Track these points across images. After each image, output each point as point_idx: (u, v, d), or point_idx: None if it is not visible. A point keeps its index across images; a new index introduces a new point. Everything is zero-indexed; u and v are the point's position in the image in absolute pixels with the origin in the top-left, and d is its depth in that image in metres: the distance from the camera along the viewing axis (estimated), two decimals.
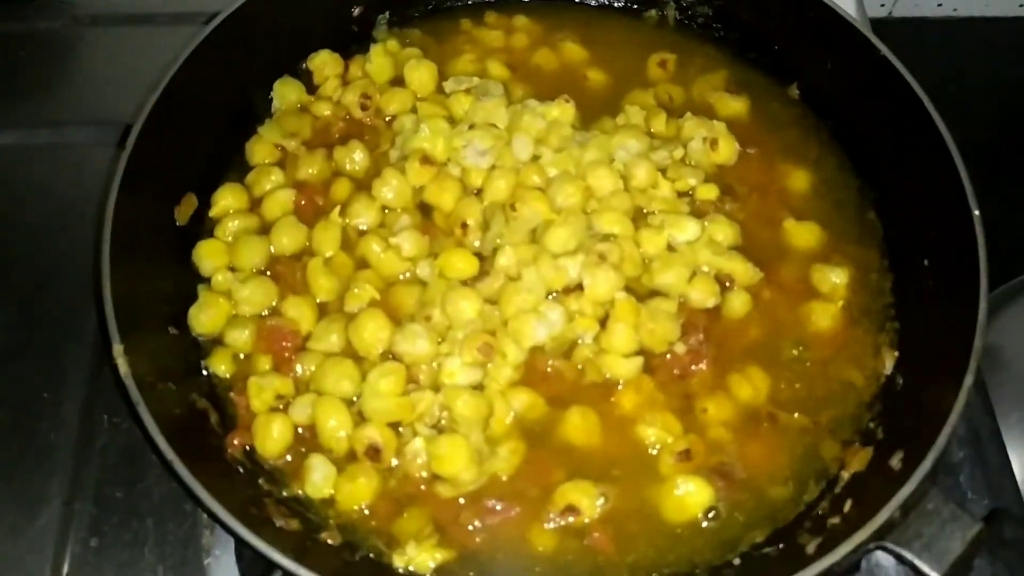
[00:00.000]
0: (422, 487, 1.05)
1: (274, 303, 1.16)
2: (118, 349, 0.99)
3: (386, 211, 1.21)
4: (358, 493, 1.04)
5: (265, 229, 1.21)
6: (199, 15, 1.56)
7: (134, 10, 1.63)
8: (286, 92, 1.31)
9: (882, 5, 1.97)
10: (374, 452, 1.05)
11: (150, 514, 1.16)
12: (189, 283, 1.17)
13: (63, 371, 1.25)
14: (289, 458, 1.08)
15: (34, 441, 1.20)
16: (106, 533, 1.15)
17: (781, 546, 1.01)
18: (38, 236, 1.38)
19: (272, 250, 1.19)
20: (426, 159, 1.21)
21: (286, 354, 1.12)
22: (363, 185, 1.23)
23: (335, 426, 1.06)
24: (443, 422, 1.07)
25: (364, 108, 1.28)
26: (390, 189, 1.20)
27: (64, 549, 1.14)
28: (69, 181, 1.44)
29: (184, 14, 1.60)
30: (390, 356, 1.11)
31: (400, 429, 1.08)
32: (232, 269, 1.18)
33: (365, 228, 1.20)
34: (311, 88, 1.33)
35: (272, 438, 1.07)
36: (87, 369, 1.25)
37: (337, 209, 1.20)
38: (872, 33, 1.23)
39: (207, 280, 1.18)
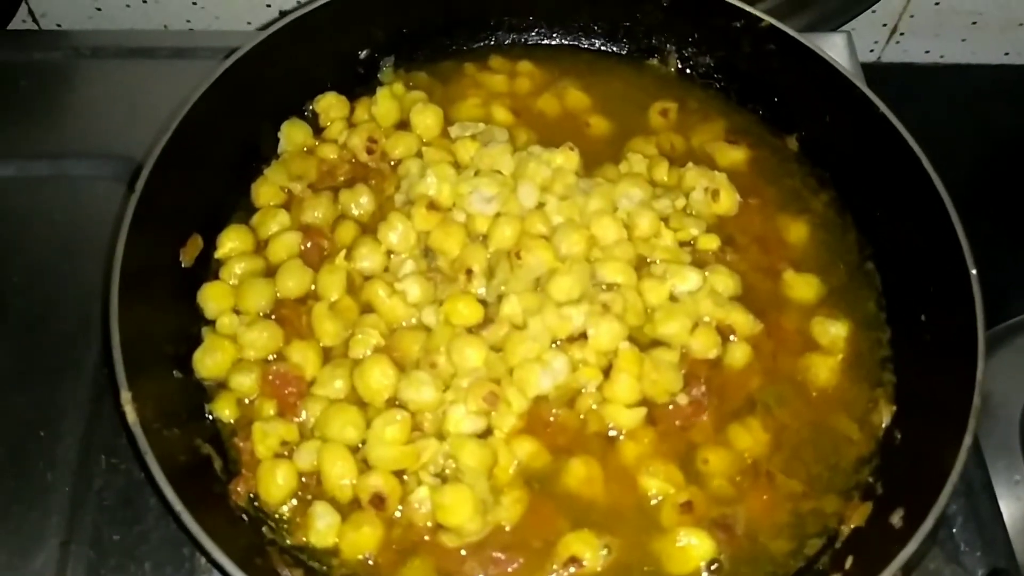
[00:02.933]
0: (426, 537, 1.05)
1: (279, 347, 1.15)
2: (126, 396, 0.98)
3: (391, 256, 1.22)
4: (362, 542, 1.04)
5: (270, 272, 1.21)
6: (200, 50, 1.57)
7: (135, 43, 1.62)
8: (293, 134, 1.31)
9: (871, 51, 2.01)
10: (379, 501, 1.05)
11: (148, 557, 1.14)
12: (193, 325, 1.18)
13: (61, 408, 1.24)
14: (294, 502, 1.08)
15: (31, 480, 1.19)
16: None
17: None
18: (37, 268, 1.37)
19: (278, 293, 1.19)
20: (432, 204, 1.22)
21: (291, 399, 1.11)
22: (368, 229, 1.24)
23: (340, 473, 1.07)
24: (447, 471, 1.08)
25: (370, 152, 1.29)
26: (396, 234, 1.21)
27: None
28: (68, 213, 1.43)
29: (184, 49, 1.60)
30: (395, 403, 1.11)
31: (404, 477, 1.08)
32: (237, 312, 1.18)
33: (370, 272, 1.20)
34: (317, 130, 1.33)
35: (276, 484, 1.06)
36: (86, 406, 1.24)
37: (343, 253, 1.20)
38: (867, 87, 1.25)
39: (212, 323, 1.17)
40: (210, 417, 1.13)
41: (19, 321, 1.32)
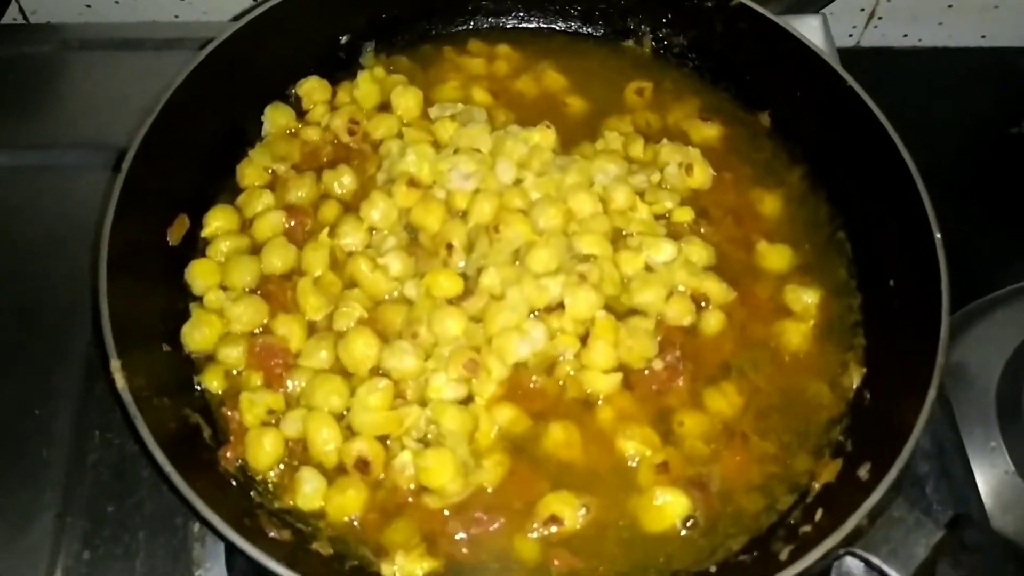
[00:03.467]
0: (409, 499, 1.08)
1: (265, 321, 1.19)
2: (115, 364, 1.01)
3: (373, 232, 1.25)
4: (347, 505, 1.07)
5: (256, 249, 1.24)
6: (187, 40, 1.60)
7: (123, 35, 1.66)
8: (276, 117, 1.34)
9: (850, 35, 2.04)
10: (363, 465, 1.08)
11: (141, 528, 1.18)
12: (181, 301, 1.20)
13: (55, 388, 1.28)
14: (281, 467, 1.11)
15: (27, 456, 1.23)
16: (98, 546, 1.17)
17: (755, 553, 1.05)
18: (27, 255, 1.41)
19: (263, 270, 1.22)
20: (412, 182, 1.25)
21: (277, 370, 1.14)
22: (351, 207, 1.27)
23: (325, 439, 1.10)
24: (430, 436, 1.11)
25: (352, 133, 1.32)
26: (377, 211, 1.24)
27: (56, 562, 1.16)
28: (57, 202, 1.46)
29: (172, 40, 1.63)
30: (379, 372, 1.14)
31: (388, 443, 1.11)
32: (224, 288, 1.21)
33: (353, 249, 1.23)
34: (300, 113, 1.36)
35: (264, 451, 1.09)
36: (79, 386, 1.28)
37: (326, 230, 1.23)
38: (839, 63, 1.28)
39: (199, 299, 1.20)
40: (199, 388, 1.16)
41: (12, 307, 1.36)
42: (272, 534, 1.03)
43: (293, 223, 1.25)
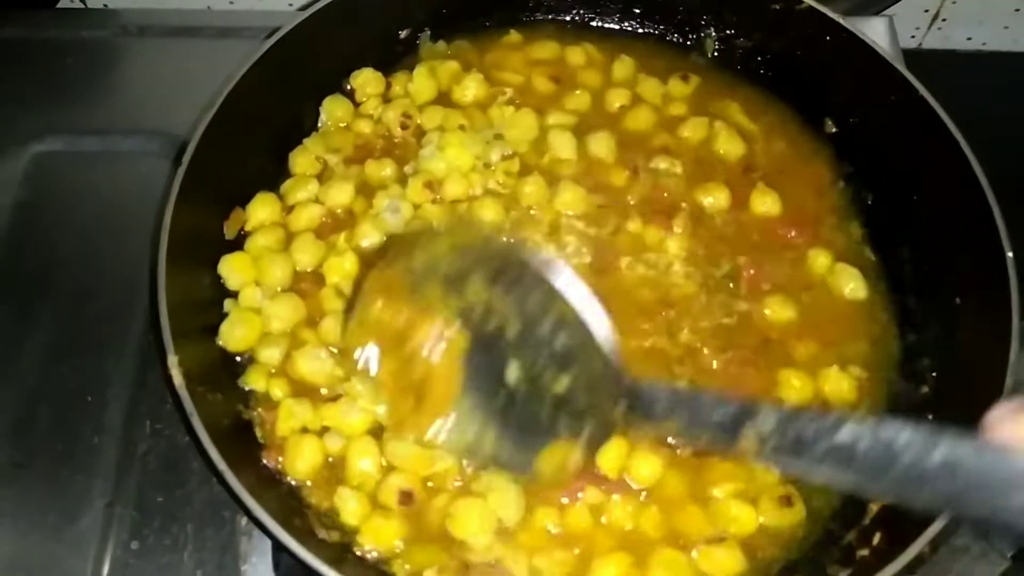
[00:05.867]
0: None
1: (303, 319, 1.18)
2: (172, 360, 1.01)
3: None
4: (386, 533, 1.06)
5: (290, 240, 1.23)
6: (244, 30, 1.60)
7: (181, 23, 1.66)
8: (334, 109, 1.33)
9: (912, 37, 2.00)
10: (406, 497, 1.07)
11: (190, 519, 1.18)
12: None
13: (108, 375, 1.28)
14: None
15: (78, 444, 1.23)
16: (146, 537, 1.18)
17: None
18: (84, 242, 1.41)
19: (295, 266, 1.21)
20: (430, 184, 1.25)
21: None
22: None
23: (364, 469, 1.09)
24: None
25: (404, 127, 1.31)
26: (389, 200, 1.24)
27: (105, 551, 1.17)
28: (114, 189, 1.47)
29: (229, 28, 1.63)
30: None
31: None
32: (258, 285, 1.20)
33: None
34: (357, 106, 1.36)
35: (302, 459, 1.08)
36: (132, 374, 1.28)
37: (343, 235, 1.22)
38: (905, 68, 1.25)
39: (235, 294, 1.20)
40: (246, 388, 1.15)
41: (68, 293, 1.36)
42: (321, 534, 1.03)
43: (328, 220, 1.25)
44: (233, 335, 1.16)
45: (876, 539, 1.02)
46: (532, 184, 1.26)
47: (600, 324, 0.83)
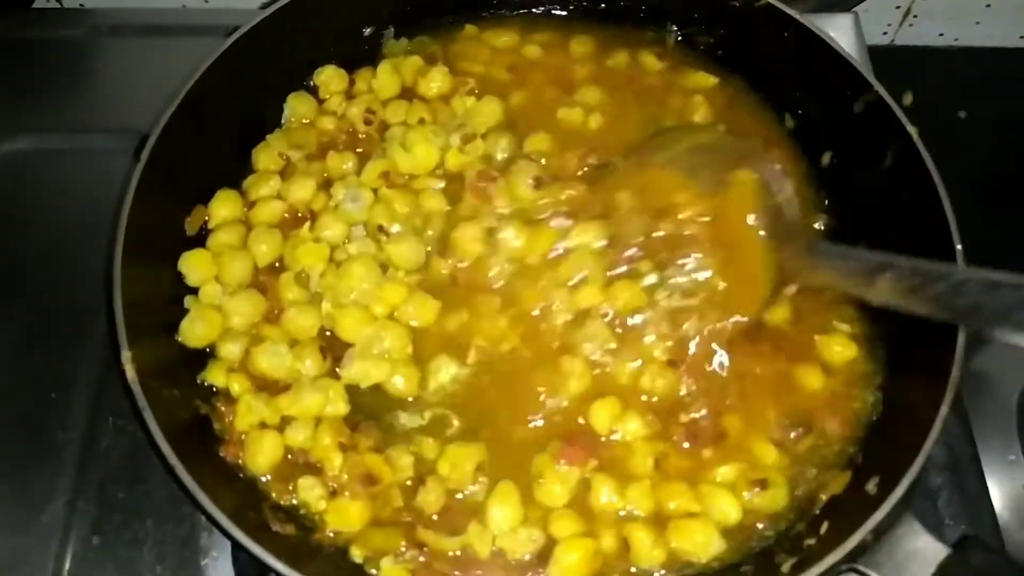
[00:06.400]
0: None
1: (263, 313, 1.19)
2: (126, 355, 1.02)
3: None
4: (349, 518, 1.07)
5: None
6: (216, 27, 1.57)
7: (153, 21, 1.67)
8: (297, 105, 1.34)
9: (884, 33, 2.00)
10: (368, 480, 1.08)
11: (151, 515, 1.20)
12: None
13: (72, 372, 1.30)
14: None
15: (41, 440, 1.25)
16: (108, 532, 1.19)
17: (758, 564, 1.05)
18: (52, 239, 1.43)
19: (254, 259, 1.21)
20: (386, 175, 1.26)
21: None
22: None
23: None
24: None
25: (368, 123, 1.32)
26: (346, 192, 1.25)
27: (67, 546, 1.18)
28: (84, 187, 1.48)
29: (201, 26, 1.64)
30: None
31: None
32: (219, 282, 1.20)
33: (333, 242, 1.23)
34: (321, 103, 1.36)
35: (262, 453, 1.09)
36: (96, 371, 1.29)
37: (307, 225, 1.23)
38: (869, 68, 1.26)
39: (195, 290, 1.20)
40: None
41: (36, 290, 1.38)
42: (276, 528, 1.04)
43: (287, 215, 1.25)
44: (193, 331, 1.16)
45: (823, 528, 1.03)
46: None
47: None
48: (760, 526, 1.08)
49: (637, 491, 1.09)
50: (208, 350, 1.17)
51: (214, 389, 1.15)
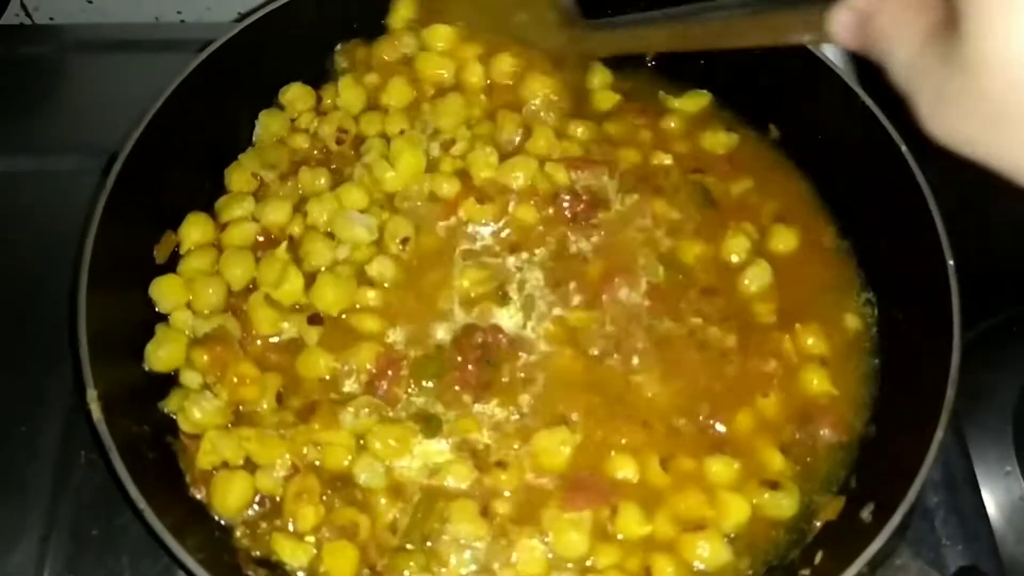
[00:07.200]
0: None
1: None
2: (92, 394, 0.99)
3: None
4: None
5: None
6: (187, 42, 1.54)
7: (122, 37, 1.63)
8: (269, 123, 1.30)
9: None
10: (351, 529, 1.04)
11: (125, 551, 1.15)
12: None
13: (42, 404, 1.25)
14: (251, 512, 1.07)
15: (11, 475, 1.20)
16: (81, 569, 1.15)
17: None
18: (19, 264, 1.38)
19: (227, 282, 1.18)
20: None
21: None
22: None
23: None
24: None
25: (340, 142, 1.28)
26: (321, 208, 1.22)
27: None
28: (53, 208, 1.43)
29: (172, 41, 1.60)
30: None
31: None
32: (191, 309, 1.17)
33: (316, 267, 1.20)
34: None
35: (232, 495, 1.05)
36: (65, 403, 1.24)
37: (284, 245, 1.20)
38: (854, 77, 1.23)
39: (166, 317, 1.17)
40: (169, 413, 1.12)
41: (2, 316, 1.33)
42: (249, 572, 1.00)
43: (262, 238, 1.22)
44: (157, 355, 1.13)
45: (817, 558, 1.00)
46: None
47: None
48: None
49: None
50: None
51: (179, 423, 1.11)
